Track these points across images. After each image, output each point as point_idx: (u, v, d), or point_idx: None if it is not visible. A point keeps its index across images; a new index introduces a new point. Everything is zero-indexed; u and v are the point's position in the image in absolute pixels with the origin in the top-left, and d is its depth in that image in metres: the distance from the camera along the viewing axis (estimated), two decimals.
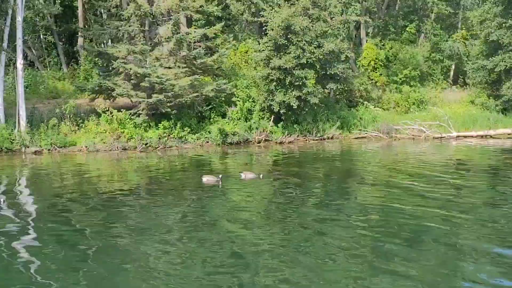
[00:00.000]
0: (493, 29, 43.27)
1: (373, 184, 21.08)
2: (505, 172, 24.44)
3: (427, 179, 21.66)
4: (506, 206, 15.96)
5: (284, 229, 13.82)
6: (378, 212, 15.89)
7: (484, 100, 43.77)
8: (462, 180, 21.51)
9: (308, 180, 21.64)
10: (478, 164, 27.31)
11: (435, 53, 51.46)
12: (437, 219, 14.19)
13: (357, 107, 40.35)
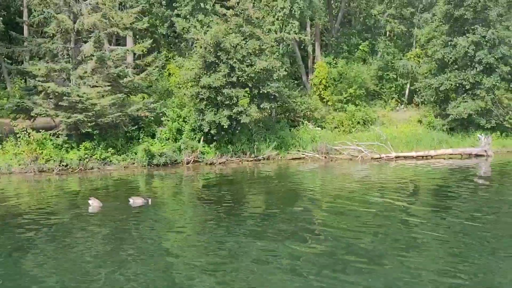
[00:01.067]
0: (438, 47, 43.35)
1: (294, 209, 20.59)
2: (428, 192, 24.31)
3: (353, 199, 22.07)
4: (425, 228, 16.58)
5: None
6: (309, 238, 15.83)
7: (431, 119, 43.69)
8: (387, 199, 21.82)
9: (224, 203, 21.35)
10: (404, 185, 26.90)
11: (389, 72, 51.47)
12: (360, 235, 15.82)
13: (297, 127, 40.02)
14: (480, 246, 14.46)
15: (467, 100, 41.92)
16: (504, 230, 16.44)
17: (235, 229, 16.64)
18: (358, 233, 16.32)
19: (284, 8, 37.22)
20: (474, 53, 41.30)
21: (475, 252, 13.80)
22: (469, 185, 25.96)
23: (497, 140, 42.06)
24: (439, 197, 23.37)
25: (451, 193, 23.88)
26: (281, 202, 21.76)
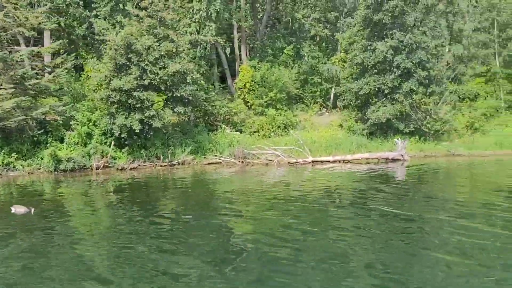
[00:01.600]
0: (358, 52, 43.89)
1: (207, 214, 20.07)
2: (342, 195, 24.36)
3: (264, 205, 21.96)
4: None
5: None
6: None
7: (351, 124, 44.15)
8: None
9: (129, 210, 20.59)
10: (318, 189, 26.79)
11: (314, 76, 51.81)
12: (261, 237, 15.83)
13: (216, 132, 39.69)
14: (389, 247, 14.76)
15: (386, 104, 42.50)
16: (415, 228, 17.27)
17: (132, 238, 16.10)
18: (270, 238, 16.07)
19: (201, 10, 36.78)
20: (392, 57, 41.88)
21: (394, 253, 14.23)
22: (382, 188, 26.04)
23: (415, 144, 42.83)
24: (353, 200, 23.24)
25: (365, 196, 23.90)
26: (187, 208, 21.30)
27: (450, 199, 23.09)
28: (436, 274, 12.32)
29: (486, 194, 24.81)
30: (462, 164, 37.34)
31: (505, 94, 50.00)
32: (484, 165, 37.15)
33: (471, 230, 16.32)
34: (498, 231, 16.42)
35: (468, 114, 46.64)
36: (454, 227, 16.84)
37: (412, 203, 22.43)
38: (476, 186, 27.61)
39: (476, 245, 14.57)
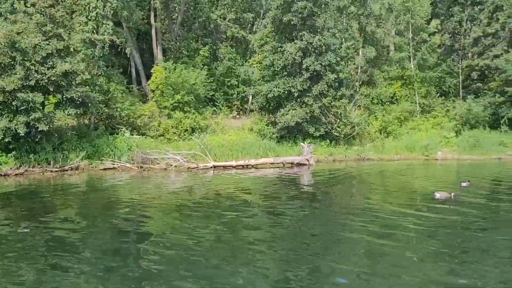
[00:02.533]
0: (267, 54, 43.38)
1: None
2: (244, 201, 23.47)
3: (155, 212, 21.31)
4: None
5: None
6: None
7: (261, 127, 43.56)
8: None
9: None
10: (216, 194, 25.79)
11: (231, 78, 51.04)
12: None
13: (116, 135, 38.36)
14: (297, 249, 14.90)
15: (296, 108, 42.04)
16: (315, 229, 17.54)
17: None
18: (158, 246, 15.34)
19: (97, 8, 35.42)
20: (301, 60, 41.51)
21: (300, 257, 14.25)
22: (278, 194, 25.41)
23: (326, 148, 42.61)
24: (240, 207, 22.36)
25: (266, 201, 23.43)
26: (66, 217, 20.05)
27: (344, 205, 22.75)
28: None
29: (378, 198, 24.62)
30: (368, 168, 37.21)
31: (420, 98, 50.31)
32: (387, 169, 37.05)
33: (364, 232, 16.86)
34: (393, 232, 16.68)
35: (382, 118, 46.61)
36: (352, 231, 17.12)
37: (307, 208, 21.95)
38: (371, 191, 27.23)
39: (375, 250, 14.98)
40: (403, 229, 17.41)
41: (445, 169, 37.45)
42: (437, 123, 48.65)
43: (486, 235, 16.53)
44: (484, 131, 46.34)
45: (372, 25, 44.91)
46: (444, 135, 46.12)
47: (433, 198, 22.78)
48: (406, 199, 24.22)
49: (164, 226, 18.98)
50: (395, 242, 15.73)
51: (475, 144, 44.39)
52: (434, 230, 17.21)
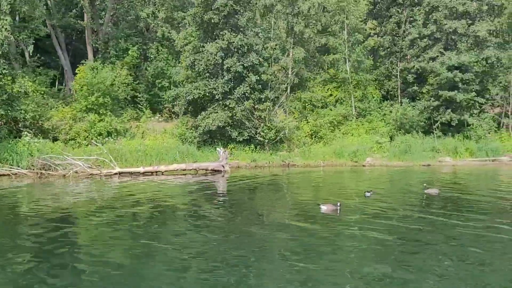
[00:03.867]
0: (188, 54, 41.42)
1: None
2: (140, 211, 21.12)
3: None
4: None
5: None
6: None
7: (181, 131, 41.52)
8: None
9: None
10: (117, 204, 23.48)
11: (162, 79, 48.91)
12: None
13: (19, 139, 35.90)
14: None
15: (218, 111, 40.07)
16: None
17: None
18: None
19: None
20: (222, 60, 39.58)
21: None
22: (178, 205, 23.43)
23: (251, 154, 40.70)
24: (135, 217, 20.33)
25: (157, 211, 21.38)
26: None
27: (253, 215, 21.21)
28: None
29: (266, 209, 22.99)
30: (288, 175, 35.60)
31: (357, 101, 48.66)
32: (306, 176, 35.29)
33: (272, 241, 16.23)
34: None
35: (313, 122, 44.84)
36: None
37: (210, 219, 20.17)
38: (271, 201, 25.30)
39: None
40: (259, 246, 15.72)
41: (367, 177, 35.74)
42: (372, 128, 47.02)
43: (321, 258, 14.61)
44: (417, 136, 44.81)
45: (300, 25, 42.91)
46: (377, 140, 44.41)
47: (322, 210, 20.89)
48: (292, 211, 22.32)
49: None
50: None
51: (406, 150, 42.82)
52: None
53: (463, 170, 38.77)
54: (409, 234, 17.35)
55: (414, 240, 16.49)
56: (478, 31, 45.46)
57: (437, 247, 15.39)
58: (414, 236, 17.08)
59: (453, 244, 15.91)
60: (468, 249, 15.26)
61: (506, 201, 24.20)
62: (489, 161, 42.78)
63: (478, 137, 44.93)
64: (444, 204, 23.23)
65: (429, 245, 15.71)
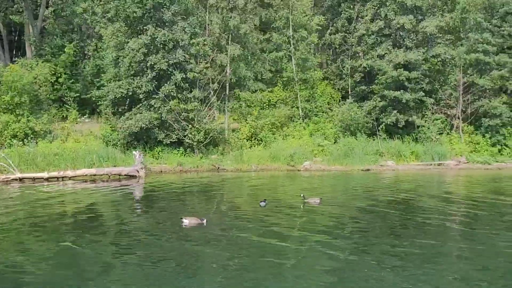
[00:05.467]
0: (111, 50, 38.94)
1: None
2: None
3: None
4: None
5: None
6: None
7: (105, 133, 38.90)
8: None
9: None
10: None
11: (101, 78, 46.15)
12: None
13: None
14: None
15: (142, 111, 37.46)
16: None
17: None
18: None
19: None
20: (144, 57, 36.99)
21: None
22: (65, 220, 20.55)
23: (179, 157, 38.11)
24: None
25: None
26: None
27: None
28: None
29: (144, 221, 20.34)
30: (212, 181, 33.00)
31: (303, 101, 45.98)
32: (231, 182, 32.84)
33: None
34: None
35: (252, 124, 42.18)
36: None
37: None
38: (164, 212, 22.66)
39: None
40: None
41: (293, 182, 33.30)
42: (318, 130, 44.34)
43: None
44: (361, 139, 42.14)
45: (235, 20, 40.29)
46: (319, 143, 41.80)
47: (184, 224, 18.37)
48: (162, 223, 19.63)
49: None
50: None
51: (348, 153, 40.20)
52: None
53: (400, 176, 36.35)
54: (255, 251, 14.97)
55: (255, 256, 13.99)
56: (426, 26, 42.68)
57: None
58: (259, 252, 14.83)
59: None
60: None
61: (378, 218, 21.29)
62: (434, 165, 40.10)
63: (426, 140, 42.23)
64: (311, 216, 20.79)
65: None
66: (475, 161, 41.09)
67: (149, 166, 36.69)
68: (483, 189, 30.56)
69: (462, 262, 14.35)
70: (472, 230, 18.40)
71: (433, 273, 12.82)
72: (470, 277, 12.76)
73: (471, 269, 13.44)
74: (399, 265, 13.69)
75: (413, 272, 13.02)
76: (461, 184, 32.77)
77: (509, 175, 36.91)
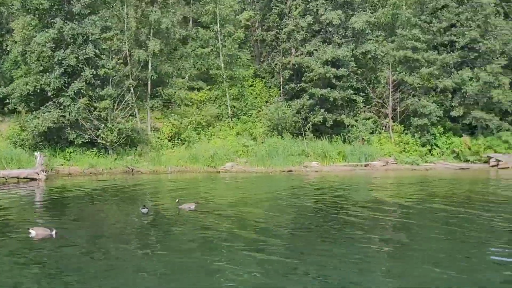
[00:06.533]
0: (18, 45, 36.79)
1: None
2: None
3: None
4: None
5: None
6: None
7: (12, 133, 36.74)
8: None
9: None
10: None
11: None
12: None
13: None
14: None
15: (51, 109, 35.36)
16: None
17: None
18: None
19: None
20: (51, 52, 34.88)
21: None
22: None
23: (92, 158, 36.06)
24: None
25: None
26: None
27: None
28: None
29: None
30: (122, 184, 31.06)
31: (232, 100, 44.24)
32: (142, 184, 31.03)
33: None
34: None
35: (174, 123, 40.31)
36: None
37: None
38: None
39: None
40: None
41: (206, 185, 31.66)
42: (246, 129, 42.64)
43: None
44: (287, 139, 40.55)
45: (155, 13, 38.35)
46: (243, 143, 40.12)
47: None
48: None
49: None
50: None
51: (272, 154, 38.55)
52: None
53: (320, 177, 34.81)
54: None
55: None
56: (355, 22, 41.23)
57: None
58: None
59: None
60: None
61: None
62: (361, 166, 38.70)
63: (356, 140, 40.78)
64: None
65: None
66: (404, 161, 39.79)
67: (57, 168, 34.75)
68: (396, 192, 29.13)
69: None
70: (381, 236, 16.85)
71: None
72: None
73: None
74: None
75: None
76: (376, 187, 30.95)
77: (432, 176, 35.61)
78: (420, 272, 12.95)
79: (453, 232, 17.65)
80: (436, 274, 12.70)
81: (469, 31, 41.64)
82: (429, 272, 12.81)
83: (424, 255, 14.52)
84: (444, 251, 14.91)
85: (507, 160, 39.98)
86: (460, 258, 14.26)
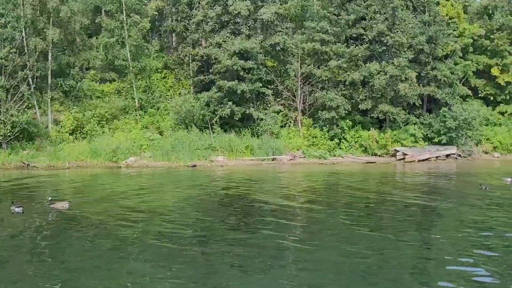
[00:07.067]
0: None
1: None
2: None
3: None
4: None
5: None
6: None
7: None
8: None
9: None
10: None
11: None
12: None
13: None
14: None
15: None
16: None
17: None
18: None
19: None
20: None
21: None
22: None
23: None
24: None
25: None
26: None
27: None
28: None
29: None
30: (12, 181, 28.79)
31: (140, 92, 42.78)
32: (28, 181, 29.11)
33: None
34: None
35: (76, 116, 38.58)
36: None
37: None
38: None
39: None
40: None
41: (97, 182, 30.08)
42: (153, 122, 41.35)
43: None
44: (194, 132, 39.53)
45: (53, 1, 36.43)
46: (148, 137, 38.84)
47: None
48: None
49: None
50: None
51: (177, 148, 37.47)
52: None
53: (223, 172, 33.95)
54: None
55: None
56: (264, 13, 40.54)
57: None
58: None
59: None
60: None
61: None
62: (268, 160, 38.13)
63: (264, 133, 40.15)
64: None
65: None
66: (312, 155, 39.46)
67: None
68: (296, 185, 28.63)
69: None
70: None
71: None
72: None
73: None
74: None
75: None
76: (281, 182, 30.42)
77: (337, 170, 35.29)
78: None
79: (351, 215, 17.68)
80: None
81: (377, 24, 41.57)
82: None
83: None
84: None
85: (413, 153, 40.32)
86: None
